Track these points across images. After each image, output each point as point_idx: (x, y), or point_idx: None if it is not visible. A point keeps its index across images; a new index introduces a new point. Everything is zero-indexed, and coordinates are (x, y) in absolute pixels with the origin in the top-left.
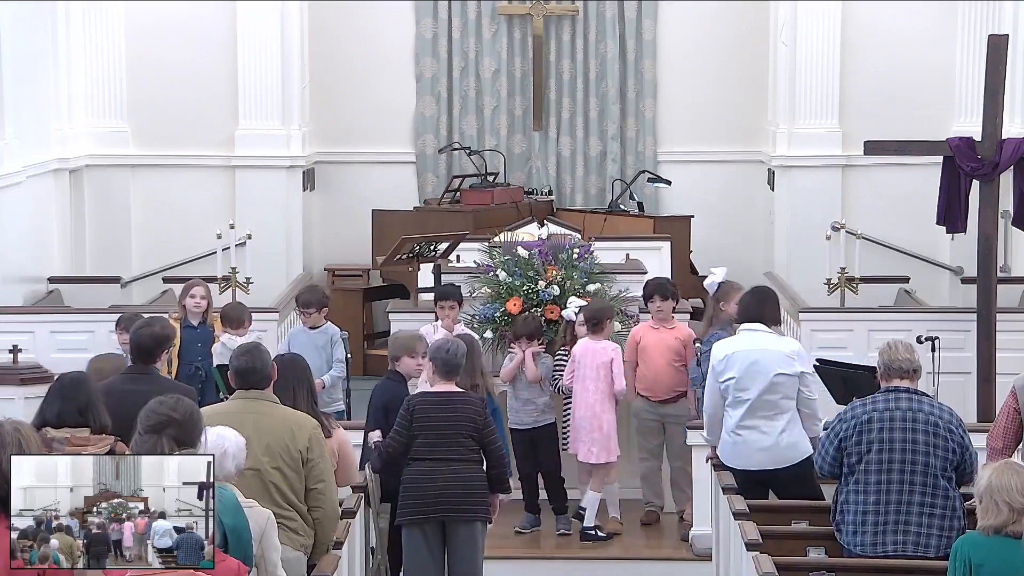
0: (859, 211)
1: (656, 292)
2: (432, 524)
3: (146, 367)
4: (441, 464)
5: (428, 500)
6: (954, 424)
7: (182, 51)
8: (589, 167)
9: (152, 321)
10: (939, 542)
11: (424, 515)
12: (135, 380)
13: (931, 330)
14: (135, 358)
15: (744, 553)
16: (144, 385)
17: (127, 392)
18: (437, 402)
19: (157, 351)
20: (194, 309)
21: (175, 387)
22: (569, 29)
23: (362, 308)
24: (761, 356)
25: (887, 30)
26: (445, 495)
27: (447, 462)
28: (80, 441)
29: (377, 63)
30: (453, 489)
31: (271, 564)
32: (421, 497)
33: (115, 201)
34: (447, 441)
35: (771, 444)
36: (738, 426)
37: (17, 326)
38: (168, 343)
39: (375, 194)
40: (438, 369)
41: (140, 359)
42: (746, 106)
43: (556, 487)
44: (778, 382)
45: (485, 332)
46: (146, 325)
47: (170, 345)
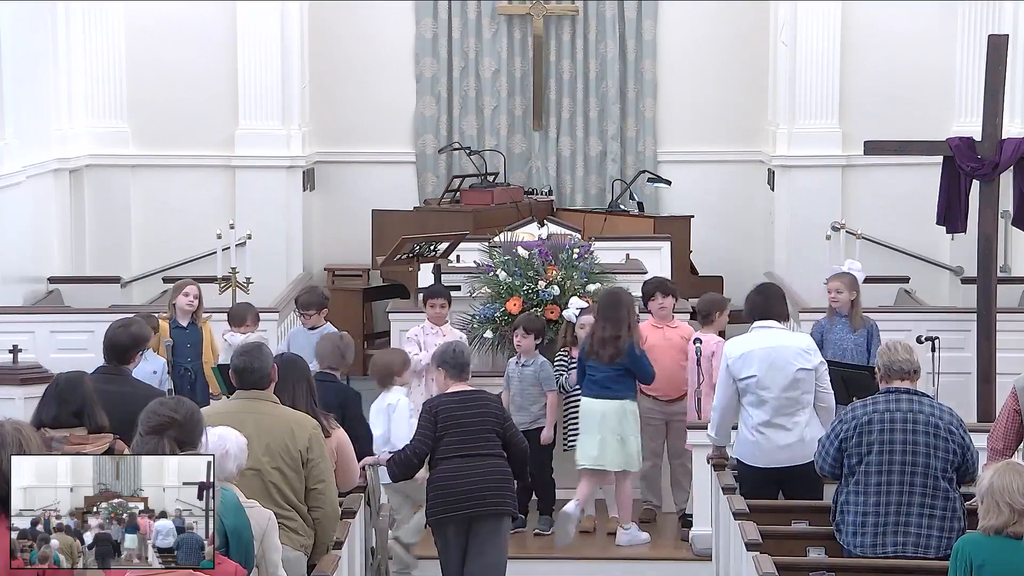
0: (859, 211)
1: (657, 289)
2: (461, 521)
3: (119, 367)
4: (471, 461)
5: (459, 497)
6: (955, 425)
7: (182, 51)
8: (589, 167)
9: (129, 321)
10: (939, 543)
11: (457, 511)
12: (107, 380)
13: (931, 330)
14: (109, 357)
15: (744, 553)
16: (116, 386)
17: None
18: (459, 402)
19: (132, 351)
20: (186, 308)
21: (147, 389)
22: (569, 29)
23: (362, 308)
24: (780, 353)
25: (887, 30)
26: (476, 491)
27: (477, 458)
28: (78, 440)
29: (377, 63)
30: (485, 484)
31: (272, 564)
32: (453, 495)
33: (115, 201)
34: (474, 438)
35: (794, 440)
36: (762, 424)
37: (17, 326)
38: (144, 344)
39: (375, 194)
40: (450, 373)
41: (115, 358)
42: (746, 106)
43: (543, 489)
44: (799, 378)
45: (485, 332)
46: (123, 325)
47: (145, 346)
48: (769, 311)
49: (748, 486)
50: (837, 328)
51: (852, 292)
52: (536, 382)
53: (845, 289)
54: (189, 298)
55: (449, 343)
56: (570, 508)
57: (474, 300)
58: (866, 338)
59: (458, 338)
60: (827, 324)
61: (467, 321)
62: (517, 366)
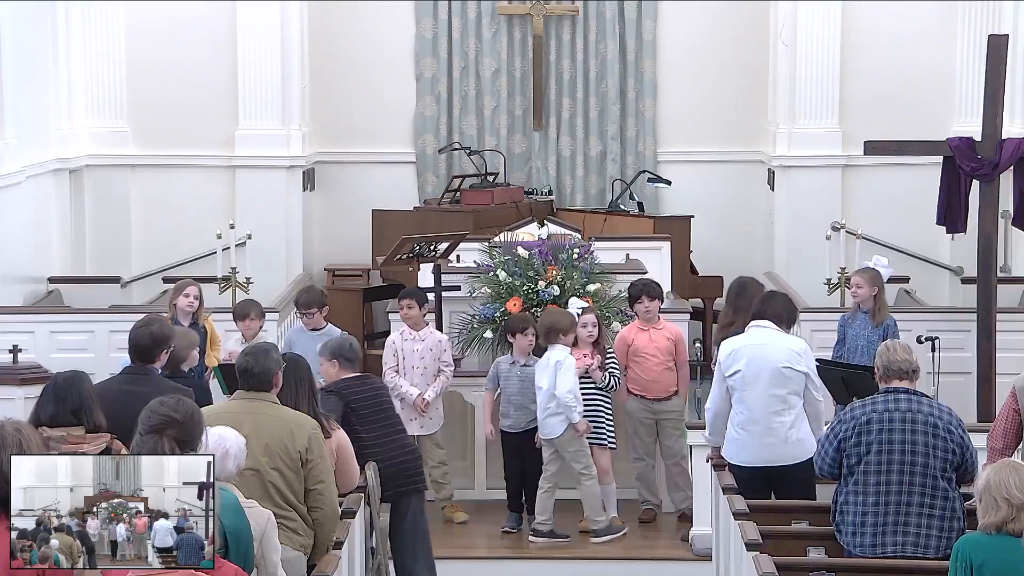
0: (859, 211)
1: (644, 292)
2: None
3: (144, 367)
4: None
5: (414, 471)
6: (954, 424)
7: (182, 51)
8: (589, 167)
9: (150, 320)
10: (938, 543)
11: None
12: (133, 381)
13: (931, 330)
14: (133, 358)
15: (744, 553)
16: (142, 387)
17: (125, 393)
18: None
19: (155, 351)
20: (187, 309)
21: (174, 388)
22: (569, 29)
23: (362, 308)
24: (767, 350)
25: (887, 30)
26: (417, 465)
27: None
28: (76, 440)
29: (377, 63)
30: (416, 457)
31: (271, 564)
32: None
33: (115, 201)
34: (391, 414)
35: (778, 440)
36: (746, 421)
37: (17, 326)
38: (167, 343)
39: (375, 194)
40: (343, 365)
41: (138, 359)
42: (746, 106)
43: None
44: (785, 375)
45: (485, 332)
46: (144, 324)
47: (169, 345)
48: (765, 312)
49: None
50: (857, 323)
51: (873, 287)
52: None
53: (866, 284)
54: (189, 299)
55: (345, 337)
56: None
57: (474, 300)
58: (881, 335)
59: (440, 342)
60: (849, 318)
61: (467, 321)
62: (515, 366)
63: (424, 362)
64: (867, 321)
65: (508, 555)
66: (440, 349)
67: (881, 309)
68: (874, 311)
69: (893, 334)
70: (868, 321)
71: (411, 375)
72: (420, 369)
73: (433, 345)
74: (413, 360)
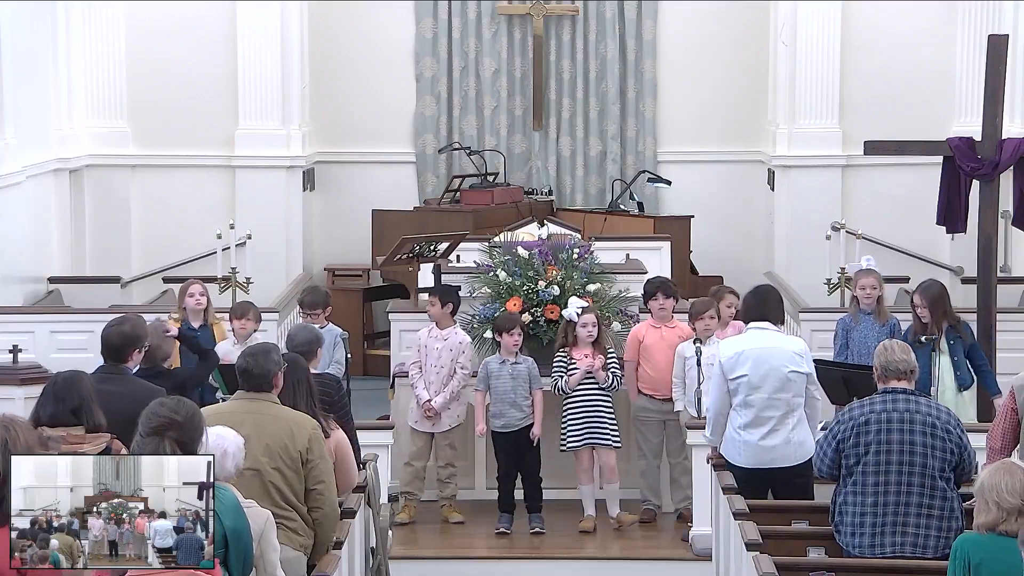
0: (859, 211)
1: (659, 290)
2: None
3: (117, 367)
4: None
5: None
6: (952, 424)
7: (182, 51)
8: (589, 167)
9: (123, 320)
10: (937, 543)
11: None
12: (106, 380)
13: None
14: (105, 357)
15: (744, 553)
16: (115, 386)
17: (98, 392)
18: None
19: (126, 350)
20: (195, 307)
21: (148, 388)
22: (569, 29)
23: (362, 308)
24: (772, 354)
25: (887, 30)
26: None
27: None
28: (75, 439)
29: (377, 63)
30: None
31: (270, 564)
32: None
33: (115, 201)
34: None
35: (780, 442)
36: (749, 424)
37: (17, 326)
38: (139, 343)
39: (375, 194)
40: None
41: (110, 358)
42: (746, 106)
43: (534, 487)
44: (791, 380)
45: (485, 332)
46: (116, 324)
47: (142, 344)
48: (764, 313)
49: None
50: (863, 325)
51: (882, 287)
52: (529, 379)
53: (879, 285)
54: (196, 298)
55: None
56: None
57: (474, 300)
58: (889, 333)
59: (460, 344)
60: (850, 321)
61: (467, 321)
62: (506, 365)
63: (442, 362)
64: (873, 322)
65: (508, 555)
66: (459, 351)
67: (884, 307)
68: (879, 311)
69: (900, 332)
70: (874, 322)
71: (428, 373)
72: (437, 368)
73: (453, 346)
74: (431, 359)
